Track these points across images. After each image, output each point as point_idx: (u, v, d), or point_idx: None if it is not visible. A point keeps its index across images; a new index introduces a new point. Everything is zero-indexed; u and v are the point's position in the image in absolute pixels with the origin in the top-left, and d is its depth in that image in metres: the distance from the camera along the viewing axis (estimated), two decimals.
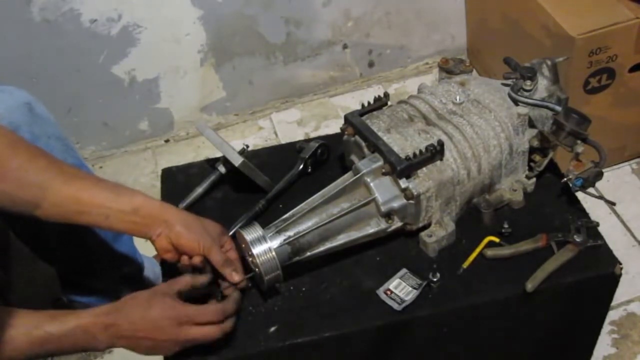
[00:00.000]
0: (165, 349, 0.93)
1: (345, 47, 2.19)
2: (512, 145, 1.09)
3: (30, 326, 0.88)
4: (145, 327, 0.90)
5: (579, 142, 1.07)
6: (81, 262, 1.41)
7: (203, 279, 0.97)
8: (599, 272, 1.07)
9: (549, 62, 1.16)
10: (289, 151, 1.28)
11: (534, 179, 1.15)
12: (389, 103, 1.16)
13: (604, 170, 1.08)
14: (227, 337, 0.96)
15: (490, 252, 1.07)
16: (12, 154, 0.93)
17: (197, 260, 0.97)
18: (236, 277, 0.98)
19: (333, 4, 2.06)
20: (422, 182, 1.02)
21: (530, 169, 1.15)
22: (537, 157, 1.14)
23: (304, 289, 1.06)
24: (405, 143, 1.05)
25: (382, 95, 1.15)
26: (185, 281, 0.95)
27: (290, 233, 1.00)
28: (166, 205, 0.98)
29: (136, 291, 0.95)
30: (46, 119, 1.27)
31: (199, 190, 1.21)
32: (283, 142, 2.08)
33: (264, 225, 1.00)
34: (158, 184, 1.29)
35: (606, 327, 1.56)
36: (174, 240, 0.95)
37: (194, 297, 0.96)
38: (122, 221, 0.95)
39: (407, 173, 1.02)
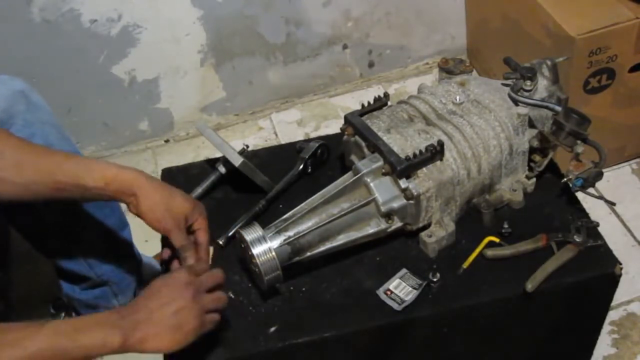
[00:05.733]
0: (186, 323, 0.88)
1: (345, 47, 2.18)
2: (512, 145, 1.09)
3: (50, 334, 0.83)
4: (159, 297, 0.88)
5: (579, 142, 1.07)
6: (79, 256, 1.41)
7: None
8: (599, 272, 1.07)
9: (549, 62, 1.16)
10: (289, 151, 1.28)
11: (534, 179, 1.15)
12: (389, 103, 1.16)
13: (604, 170, 1.08)
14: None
15: (490, 252, 1.07)
16: None
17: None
18: (190, 261, 0.99)
19: (333, 4, 2.06)
20: (422, 182, 1.02)
21: (530, 169, 1.14)
22: (537, 157, 1.14)
23: (304, 289, 1.06)
24: (405, 143, 1.05)
25: (382, 96, 1.15)
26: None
27: (290, 233, 1.00)
28: (137, 177, 0.99)
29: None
30: (41, 107, 1.26)
31: (199, 190, 1.21)
32: (283, 142, 2.07)
33: (264, 225, 1.00)
34: None
35: (606, 327, 1.56)
36: (140, 216, 1.00)
37: None
38: (96, 195, 1.00)
39: (407, 173, 1.02)
